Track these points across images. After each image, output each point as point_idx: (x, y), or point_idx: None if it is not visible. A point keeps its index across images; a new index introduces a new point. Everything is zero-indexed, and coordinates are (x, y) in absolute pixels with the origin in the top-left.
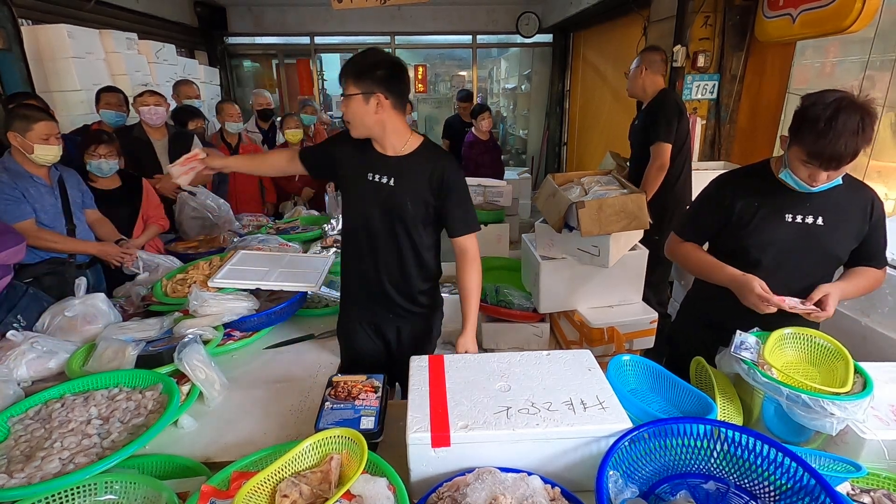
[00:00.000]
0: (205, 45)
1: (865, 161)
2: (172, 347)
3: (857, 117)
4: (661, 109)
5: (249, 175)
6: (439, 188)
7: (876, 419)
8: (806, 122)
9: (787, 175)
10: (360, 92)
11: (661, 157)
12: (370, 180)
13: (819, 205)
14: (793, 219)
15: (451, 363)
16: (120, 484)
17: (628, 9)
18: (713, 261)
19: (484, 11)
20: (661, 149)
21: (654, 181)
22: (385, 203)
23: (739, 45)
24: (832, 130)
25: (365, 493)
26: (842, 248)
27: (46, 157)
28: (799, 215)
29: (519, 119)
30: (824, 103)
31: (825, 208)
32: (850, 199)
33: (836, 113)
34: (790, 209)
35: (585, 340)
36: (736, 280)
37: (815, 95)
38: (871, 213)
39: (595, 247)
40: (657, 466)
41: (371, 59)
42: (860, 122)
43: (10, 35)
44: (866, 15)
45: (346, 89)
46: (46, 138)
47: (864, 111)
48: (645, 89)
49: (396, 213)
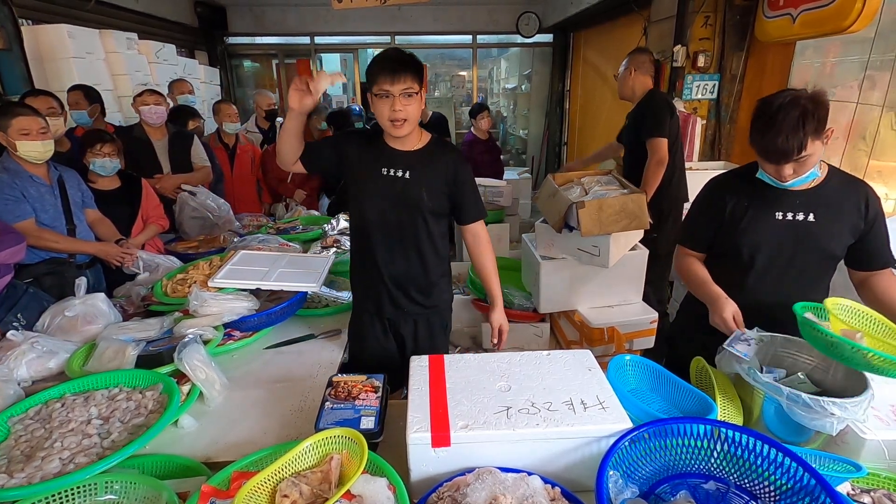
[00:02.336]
0: (205, 45)
1: (865, 161)
2: (172, 347)
3: (797, 112)
4: (651, 106)
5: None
6: (454, 180)
7: (876, 419)
8: (754, 121)
9: (762, 174)
10: (420, 89)
11: (659, 152)
12: (384, 174)
13: (810, 201)
14: (783, 216)
15: (451, 363)
16: (120, 484)
17: (628, 9)
18: (702, 277)
19: (484, 11)
20: (657, 143)
21: (655, 176)
22: (400, 196)
23: (739, 45)
24: (773, 127)
25: (365, 493)
26: (837, 244)
27: (30, 154)
28: (790, 213)
29: (519, 119)
30: (769, 102)
31: (817, 205)
32: (843, 194)
33: (777, 110)
34: (780, 207)
35: (585, 340)
36: (713, 299)
37: (768, 97)
38: (866, 208)
39: (595, 247)
40: (657, 466)
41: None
42: (800, 117)
43: (10, 35)
44: (866, 15)
45: (407, 87)
46: (27, 133)
47: (807, 105)
48: (634, 90)
49: (413, 204)
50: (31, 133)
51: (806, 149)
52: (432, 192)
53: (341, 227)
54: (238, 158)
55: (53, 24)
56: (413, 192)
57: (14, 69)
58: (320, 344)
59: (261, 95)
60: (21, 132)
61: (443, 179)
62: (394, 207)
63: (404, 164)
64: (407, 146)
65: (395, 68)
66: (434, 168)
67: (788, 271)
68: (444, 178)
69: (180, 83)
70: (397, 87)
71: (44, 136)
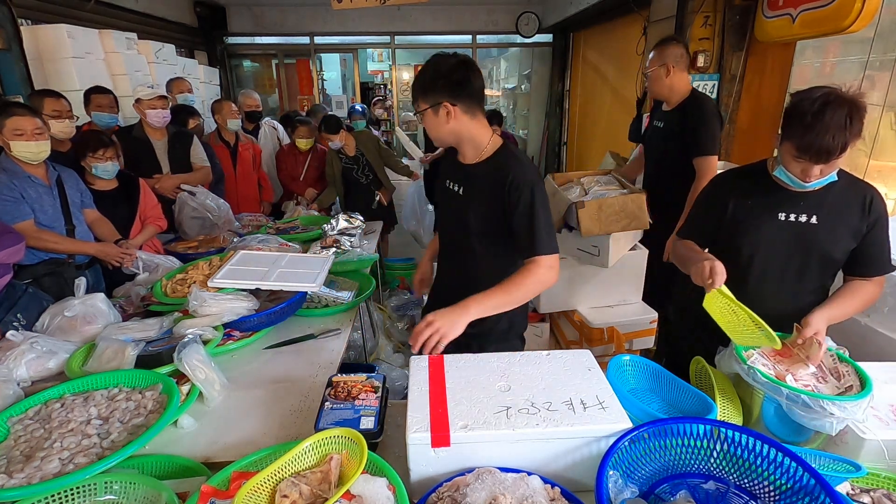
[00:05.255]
0: (205, 45)
1: (865, 161)
2: (172, 347)
3: (844, 111)
4: (702, 116)
5: (249, 172)
6: (507, 198)
7: (876, 419)
8: (794, 117)
9: (781, 172)
10: (429, 106)
11: (711, 173)
12: (447, 187)
13: (813, 203)
14: (786, 217)
15: (451, 363)
16: (120, 484)
17: (628, 9)
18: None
19: (484, 11)
20: (709, 163)
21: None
22: (455, 212)
23: (739, 45)
24: (820, 124)
25: (365, 493)
26: (838, 248)
27: (24, 154)
28: (792, 214)
29: (519, 119)
30: (812, 98)
31: (820, 207)
32: (846, 196)
33: (823, 107)
34: (783, 208)
35: (585, 340)
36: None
37: (803, 92)
38: (869, 210)
39: (595, 247)
40: (657, 466)
41: (433, 69)
42: (847, 116)
43: (10, 35)
44: (866, 15)
45: (416, 106)
46: (20, 134)
47: (852, 105)
48: (672, 89)
49: (463, 222)
50: (26, 133)
51: (847, 149)
52: (479, 211)
53: (341, 227)
54: (240, 156)
55: (53, 24)
56: (463, 209)
57: (13, 69)
58: (320, 344)
59: (244, 95)
60: (15, 132)
61: (493, 198)
62: (452, 223)
63: (462, 178)
64: (470, 158)
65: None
66: (485, 184)
67: (787, 273)
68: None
69: (179, 82)
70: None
71: (39, 136)
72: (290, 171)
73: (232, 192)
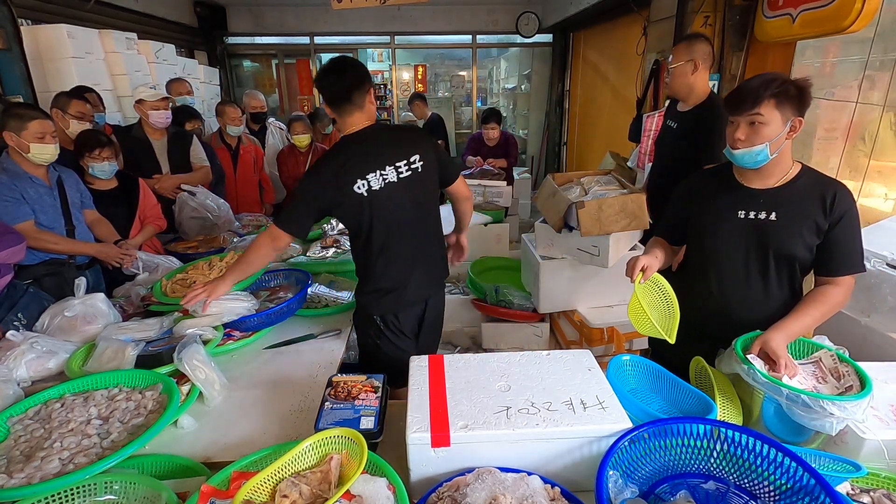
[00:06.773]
0: (204, 45)
1: (866, 161)
2: (172, 347)
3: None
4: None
5: (251, 176)
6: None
7: (876, 419)
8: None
9: (727, 151)
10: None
11: None
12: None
13: (773, 201)
14: (745, 215)
15: (451, 363)
16: (120, 484)
17: (628, 9)
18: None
19: (484, 11)
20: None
21: None
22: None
23: (739, 44)
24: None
25: (365, 493)
26: (798, 245)
27: (43, 157)
28: (752, 211)
29: (519, 119)
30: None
31: (779, 204)
32: (808, 193)
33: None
34: (743, 206)
35: (585, 340)
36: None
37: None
38: (832, 206)
39: (595, 247)
40: (657, 466)
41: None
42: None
43: (10, 35)
44: (866, 15)
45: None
46: (42, 137)
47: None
48: (693, 89)
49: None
50: (46, 137)
51: (761, 107)
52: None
53: (341, 227)
54: (241, 159)
55: (53, 24)
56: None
57: (13, 69)
58: (320, 344)
59: (249, 97)
60: (37, 135)
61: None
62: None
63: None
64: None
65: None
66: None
67: (749, 272)
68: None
69: (178, 83)
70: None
71: (54, 139)
72: (292, 171)
73: (231, 194)
